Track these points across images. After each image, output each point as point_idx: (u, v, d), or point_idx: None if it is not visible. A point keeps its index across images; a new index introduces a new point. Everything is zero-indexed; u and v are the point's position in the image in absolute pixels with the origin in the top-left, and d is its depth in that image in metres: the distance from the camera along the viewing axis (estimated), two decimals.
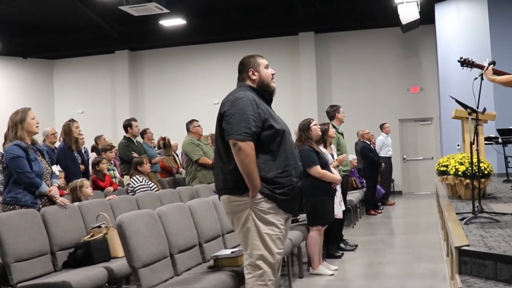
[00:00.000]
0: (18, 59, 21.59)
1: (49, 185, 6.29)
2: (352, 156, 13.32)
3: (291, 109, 18.88)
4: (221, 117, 4.46)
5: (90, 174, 9.42)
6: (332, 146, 8.79)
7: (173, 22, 17.99)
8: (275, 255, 4.47)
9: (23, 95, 20.93)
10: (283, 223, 4.54)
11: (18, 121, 6.15)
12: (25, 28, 19.55)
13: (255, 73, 4.68)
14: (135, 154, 10.42)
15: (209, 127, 12.27)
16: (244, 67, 4.74)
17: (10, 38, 19.95)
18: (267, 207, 4.41)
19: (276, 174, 4.41)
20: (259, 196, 4.38)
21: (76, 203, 6.82)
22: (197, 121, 10.85)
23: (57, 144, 9.60)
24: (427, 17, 16.45)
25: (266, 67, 4.73)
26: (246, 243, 4.49)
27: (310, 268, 7.64)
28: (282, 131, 4.52)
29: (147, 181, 9.32)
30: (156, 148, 12.84)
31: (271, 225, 4.45)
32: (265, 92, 4.70)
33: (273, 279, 4.51)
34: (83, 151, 9.55)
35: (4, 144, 6.38)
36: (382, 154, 15.47)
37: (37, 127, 6.28)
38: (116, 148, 11.39)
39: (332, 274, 7.53)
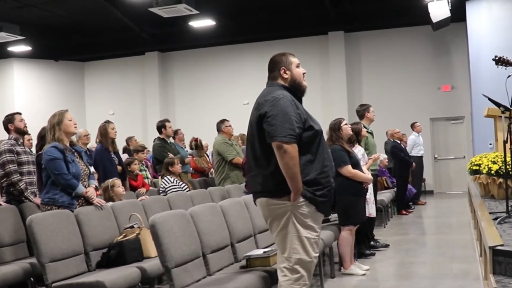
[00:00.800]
0: (50, 62, 21.85)
1: (86, 186, 6.33)
2: (383, 156, 13.27)
3: (321, 109, 18.81)
4: (261, 118, 4.34)
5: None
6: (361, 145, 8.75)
7: (203, 23, 18.01)
8: (312, 259, 4.42)
9: (55, 97, 21.17)
10: (319, 226, 4.51)
11: (55, 123, 6.20)
12: (56, 31, 19.75)
13: (287, 72, 4.56)
14: (170, 155, 10.46)
15: (239, 127, 12.40)
16: (276, 65, 4.61)
17: (42, 41, 20.18)
18: (307, 211, 4.34)
19: (316, 176, 4.33)
20: (300, 199, 4.29)
21: (109, 204, 6.88)
22: (228, 121, 10.85)
23: (89, 145, 9.69)
24: (458, 14, 16.27)
25: (298, 65, 4.61)
26: (284, 246, 4.41)
27: (342, 268, 7.62)
28: (321, 131, 4.45)
29: (178, 181, 9.35)
30: (187, 149, 12.89)
31: (310, 229, 4.39)
32: (297, 91, 4.58)
33: (307, 283, 4.47)
34: None
35: (37, 145, 6.46)
36: (413, 153, 15.38)
37: (74, 128, 6.34)
38: (148, 149, 11.44)
39: (363, 274, 7.51)
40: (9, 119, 7.40)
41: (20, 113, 7.52)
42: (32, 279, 6.07)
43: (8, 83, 21.40)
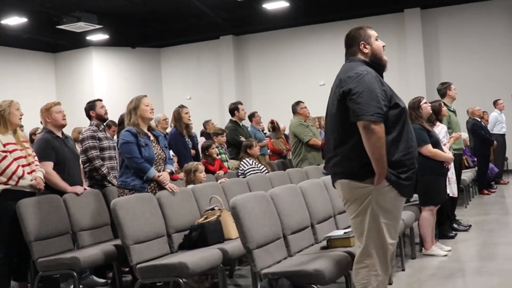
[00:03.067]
0: (127, 49, 22.26)
1: (161, 170, 6.39)
2: (464, 135, 12.99)
3: (398, 88, 18.07)
4: (344, 96, 4.12)
5: (201, 158, 9.57)
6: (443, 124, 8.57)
7: (276, 5, 17.99)
8: (389, 246, 4.25)
9: (133, 84, 21.56)
10: (401, 212, 4.35)
11: (132, 108, 6.31)
12: (132, 19, 20.07)
13: (367, 46, 4.35)
14: (242, 138, 10.50)
15: (315, 109, 12.36)
16: (354, 40, 4.39)
17: (119, 29, 20.56)
18: (389, 196, 4.15)
19: (401, 157, 4.11)
20: (384, 183, 4.09)
21: (190, 186, 6.96)
22: (303, 102, 10.80)
23: (168, 130, 9.83)
24: None
25: (377, 38, 4.41)
26: (361, 230, 4.25)
27: (423, 248, 7.53)
28: (406, 109, 4.25)
29: (257, 163, 9.39)
30: (266, 131, 12.92)
31: (389, 214, 4.20)
32: (378, 66, 4.36)
33: (385, 268, 4.30)
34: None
35: (117, 131, 6.58)
36: (495, 131, 14.99)
37: (151, 113, 6.41)
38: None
39: (445, 255, 7.39)
40: (91, 106, 7.56)
41: (101, 100, 7.68)
42: (117, 260, 6.23)
43: (87, 71, 21.95)
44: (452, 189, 8.14)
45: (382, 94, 4.06)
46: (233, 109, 11.14)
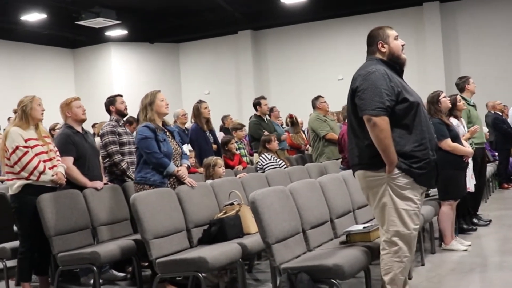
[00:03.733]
0: (146, 45, 22.33)
1: (178, 165, 6.41)
2: (484, 129, 12.88)
3: (417, 83, 18.25)
4: (353, 93, 4.43)
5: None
6: (462, 119, 8.51)
7: None
8: (411, 231, 4.43)
9: (151, 79, 21.61)
10: (419, 198, 4.49)
11: (147, 104, 6.32)
12: (150, 14, 20.14)
13: (385, 45, 4.60)
14: (266, 132, 10.51)
15: (334, 103, 12.31)
16: (373, 40, 4.66)
17: (137, 24, 20.64)
18: (404, 182, 4.37)
19: (413, 148, 4.35)
20: (396, 171, 4.34)
21: (209, 181, 6.97)
22: (322, 97, 10.77)
23: (187, 125, 9.85)
24: None
25: (396, 38, 4.63)
26: (383, 218, 4.47)
27: (443, 243, 7.49)
28: (417, 103, 4.44)
29: (275, 158, 9.39)
30: (283, 126, 12.91)
31: (408, 200, 4.40)
32: (396, 64, 4.61)
33: (408, 255, 4.48)
34: None
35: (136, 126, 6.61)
36: None
37: (166, 108, 6.43)
38: (246, 126, 11.53)
39: (465, 250, 7.34)
40: (111, 101, 7.59)
41: (121, 95, 7.71)
42: (136, 255, 6.25)
43: (106, 67, 22.06)
44: (468, 183, 8.05)
45: (388, 90, 4.32)
46: (256, 103, 11.18)
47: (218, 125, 13.61)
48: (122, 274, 7.06)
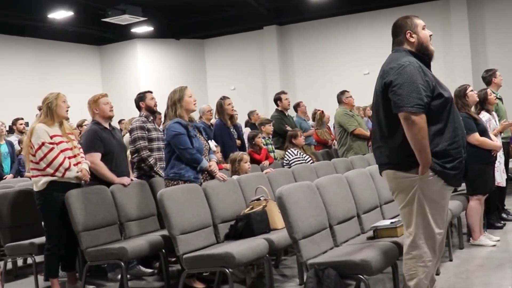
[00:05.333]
0: (171, 41, 22.36)
1: (208, 160, 6.45)
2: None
3: (444, 77, 17.98)
4: (386, 87, 4.16)
5: (246, 148, 9.59)
6: (493, 112, 8.43)
7: None
8: (436, 236, 4.27)
9: (177, 75, 21.64)
10: (448, 202, 4.35)
11: (176, 100, 6.34)
12: (176, 10, 20.18)
13: (413, 35, 4.35)
14: (288, 127, 10.49)
15: (359, 98, 12.24)
16: (401, 29, 4.40)
17: (162, 21, 20.69)
18: (435, 185, 4.17)
19: (446, 147, 4.13)
20: (429, 173, 4.13)
21: (235, 177, 6.98)
22: (348, 92, 10.72)
23: (213, 121, 9.87)
24: None
25: (424, 28, 4.40)
26: (409, 220, 4.30)
27: (471, 238, 7.43)
28: (451, 98, 4.24)
29: (301, 153, 9.37)
30: (310, 121, 12.87)
31: (436, 204, 4.23)
32: (425, 56, 4.36)
33: (432, 260, 4.33)
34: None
35: (164, 122, 6.63)
36: None
37: (194, 104, 6.45)
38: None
39: (494, 245, 7.28)
40: (141, 97, 7.64)
41: (151, 92, 7.75)
42: (163, 250, 6.26)
43: (132, 64, 22.13)
44: (499, 178, 7.97)
45: (424, 85, 4.07)
46: (277, 99, 11.17)
47: (244, 121, 13.60)
48: (149, 270, 7.10)
